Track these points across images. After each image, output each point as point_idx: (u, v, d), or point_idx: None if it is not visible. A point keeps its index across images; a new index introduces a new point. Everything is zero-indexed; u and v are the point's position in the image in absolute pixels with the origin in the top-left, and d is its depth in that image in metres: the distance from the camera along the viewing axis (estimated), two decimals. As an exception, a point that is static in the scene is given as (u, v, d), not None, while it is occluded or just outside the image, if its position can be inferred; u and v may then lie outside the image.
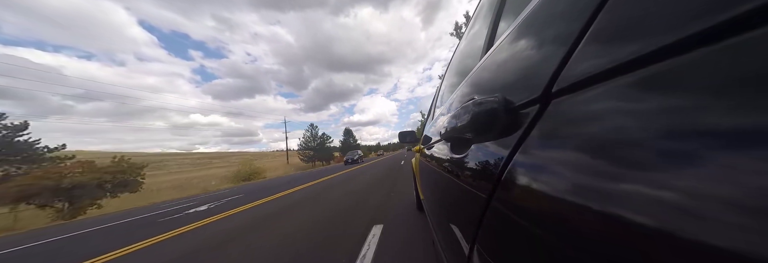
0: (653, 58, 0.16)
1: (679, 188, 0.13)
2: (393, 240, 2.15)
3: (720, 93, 0.12)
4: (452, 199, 0.60)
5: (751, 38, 0.11)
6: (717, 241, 0.11)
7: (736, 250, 0.10)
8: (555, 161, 0.24)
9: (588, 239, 0.19)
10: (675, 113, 0.14)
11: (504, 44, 0.46)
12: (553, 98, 0.26)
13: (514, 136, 0.31)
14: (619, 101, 0.18)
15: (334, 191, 5.63)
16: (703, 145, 0.13)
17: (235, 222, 3.80)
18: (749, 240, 0.10)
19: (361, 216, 3.03)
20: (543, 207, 0.25)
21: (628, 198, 0.16)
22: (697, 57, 0.14)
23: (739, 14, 0.12)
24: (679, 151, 0.14)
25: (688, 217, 0.12)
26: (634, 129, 0.17)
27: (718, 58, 0.13)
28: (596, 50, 0.21)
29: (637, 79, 0.17)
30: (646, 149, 0.15)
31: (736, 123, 0.11)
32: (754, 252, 0.10)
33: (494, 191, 0.34)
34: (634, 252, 0.15)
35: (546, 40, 0.30)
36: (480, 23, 0.84)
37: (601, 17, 0.21)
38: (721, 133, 0.12)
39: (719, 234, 0.11)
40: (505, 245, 0.32)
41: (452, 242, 0.59)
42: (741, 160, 0.11)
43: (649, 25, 0.17)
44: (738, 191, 0.11)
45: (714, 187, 0.12)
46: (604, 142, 0.19)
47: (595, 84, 0.21)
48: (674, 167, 0.14)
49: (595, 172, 0.19)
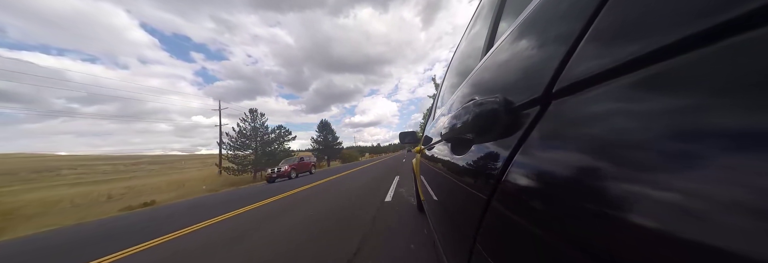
0: (654, 59, 0.16)
1: (681, 189, 0.13)
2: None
3: (721, 93, 0.12)
4: (453, 200, 0.60)
5: (752, 38, 0.11)
6: (718, 242, 0.11)
7: (737, 251, 0.10)
8: (555, 161, 0.24)
9: (588, 240, 0.19)
10: (676, 114, 0.14)
11: (504, 45, 0.46)
12: (554, 98, 0.26)
13: (515, 136, 0.31)
14: (619, 101, 0.18)
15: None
16: (705, 146, 0.12)
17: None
18: (751, 241, 0.10)
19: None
20: (543, 207, 0.24)
21: (629, 198, 0.16)
22: (697, 57, 0.14)
23: (740, 14, 0.12)
24: (681, 152, 0.13)
25: (689, 218, 0.12)
26: (635, 130, 0.16)
27: (718, 58, 0.13)
28: (597, 51, 0.21)
29: (637, 79, 0.17)
30: (647, 150, 0.15)
31: (738, 124, 0.11)
32: (757, 253, 0.10)
33: (494, 192, 0.34)
34: (635, 253, 0.15)
35: (546, 40, 0.30)
36: (480, 23, 0.84)
37: (602, 17, 0.21)
38: (723, 134, 0.12)
39: (720, 234, 0.11)
40: (505, 245, 0.32)
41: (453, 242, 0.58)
42: (743, 161, 0.11)
43: (650, 25, 0.16)
44: (740, 192, 0.10)
45: (715, 188, 0.11)
46: (604, 143, 0.19)
47: (595, 85, 0.21)
48: (675, 168, 0.13)
49: (596, 173, 0.19)
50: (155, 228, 4.23)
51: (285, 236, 2.59)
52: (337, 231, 2.52)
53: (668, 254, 0.13)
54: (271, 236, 2.66)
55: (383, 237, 2.14)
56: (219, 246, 2.59)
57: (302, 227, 2.83)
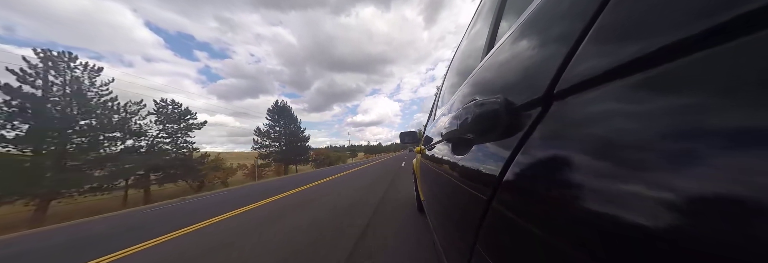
0: (656, 59, 0.16)
1: (682, 190, 0.13)
2: None
3: (722, 94, 0.12)
4: (453, 200, 0.60)
5: (756, 38, 0.11)
6: (719, 242, 0.11)
7: (738, 251, 0.10)
8: (556, 162, 0.24)
9: (589, 240, 0.19)
10: (677, 115, 0.14)
11: (505, 45, 0.45)
12: (555, 99, 0.26)
13: (516, 137, 0.31)
14: (621, 102, 0.18)
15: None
16: (706, 146, 0.12)
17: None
18: (752, 241, 0.10)
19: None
20: (543, 208, 0.24)
21: (630, 199, 0.15)
22: (699, 58, 0.14)
23: (742, 14, 0.12)
24: (682, 152, 0.13)
25: (690, 218, 0.12)
26: (636, 131, 0.16)
27: (719, 58, 0.13)
28: (598, 51, 0.21)
29: (639, 80, 0.17)
30: (649, 151, 0.15)
31: (740, 124, 0.11)
32: (761, 253, 0.10)
33: (495, 193, 0.34)
34: (636, 253, 0.15)
35: (547, 40, 0.30)
36: (481, 23, 0.84)
37: (603, 18, 0.21)
38: (724, 134, 0.12)
39: (721, 234, 0.11)
40: (505, 246, 0.32)
41: (453, 243, 0.58)
42: (746, 161, 0.11)
43: (652, 25, 0.16)
44: (741, 192, 0.10)
45: (717, 188, 0.11)
46: (606, 144, 0.19)
47: (596, 85, 0.21)
48: (677, 169, 0.13)
49: (597, 174, 0.19)
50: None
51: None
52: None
53: (670, 254, 0.13)
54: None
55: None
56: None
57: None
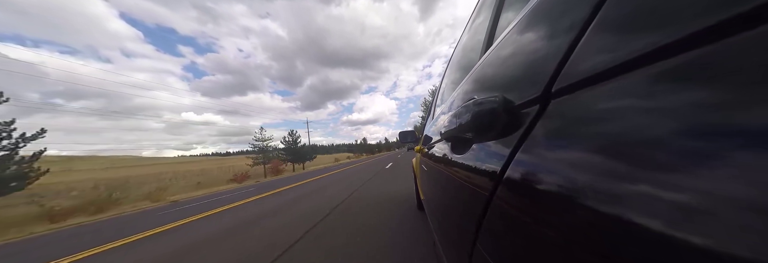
0: (656, 57, 0.16)
1: (683, 188, 0.13)
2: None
3: (722, 92, 0.12)
4: (453, 199, 0.60)
5: (758, 35, 0.11)
6: (720, 241, 0.11)
7: (739, 251, 0.10)
8: (556, 161, 0.24)
9: (589, 239, 0.18)
10: (677, 113, 0.14)
11: (504, 42, 0.45)
12: (554, 97, 0.26)
13: (515, 135, 0.31)
14: (619, 100, 0.18)
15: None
16: (707, 144, 0.12)
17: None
18: (753, 241, 0.10)
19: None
20: (544, 207, 0.24)
21: (630, 198, 0.15)
22: (700, 55, 0.13)
23: (743, 12, 0.11)
24: (682, 151, 0.13)
25: (691, 217, 0.12)
26: (635, 129, 0.16)
27: (719, 56, 0.13)
28: (596, 50, 0.21)
29: (638, 78, 0.17)
30: (648, 149, 0.15)
31: (741, 123, 0.11)
32: (760, 254, 0.09)
33: (495, 191, 0.34)
34: (636, 253, 0.15)
35: (547, 38, 0.30)
36: (481, 19, 0.84)
37: (602, 15, 0.21)
38: (726, 132, 0.12)
39: (722, 234, 0.11)
40: (505, 245, 0.32)
41: (453, 242, 0.58)
42: (748, 160, 0.11)
43: (653, 22, 0.16)
44: (742, 191, 0.10)
45: (717, 186, 0.11)
46: (604, 142, 0.19)
47: (595, 83, 0.21)
48: (677, 167, 0.13)
49: (596, 172, 0.19)
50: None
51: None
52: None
53: (670, 254, 0.13)
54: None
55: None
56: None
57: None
